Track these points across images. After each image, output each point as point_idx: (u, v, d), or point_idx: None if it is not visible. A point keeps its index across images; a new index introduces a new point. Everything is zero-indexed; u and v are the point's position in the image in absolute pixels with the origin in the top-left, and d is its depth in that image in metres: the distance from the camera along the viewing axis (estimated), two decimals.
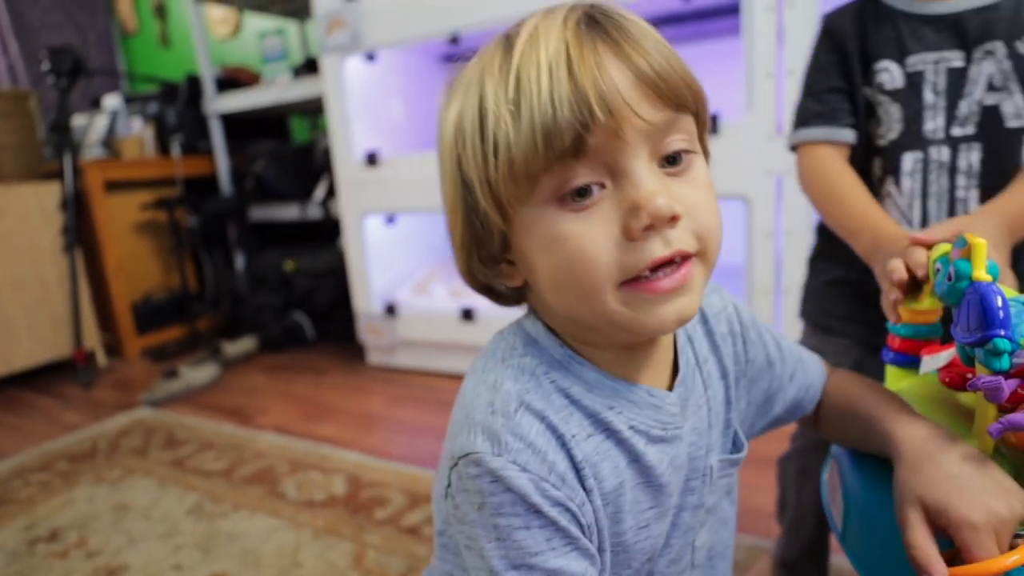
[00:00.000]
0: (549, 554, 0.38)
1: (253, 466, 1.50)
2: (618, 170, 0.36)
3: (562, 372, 0.42)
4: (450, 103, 0.41)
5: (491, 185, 0.37)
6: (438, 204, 1.36)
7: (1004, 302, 0.40)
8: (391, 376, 2.09)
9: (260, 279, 2.52)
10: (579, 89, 0.34)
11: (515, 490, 0.37)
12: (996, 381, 0.38)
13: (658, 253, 0.36)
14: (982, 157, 0.67)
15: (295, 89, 2.35)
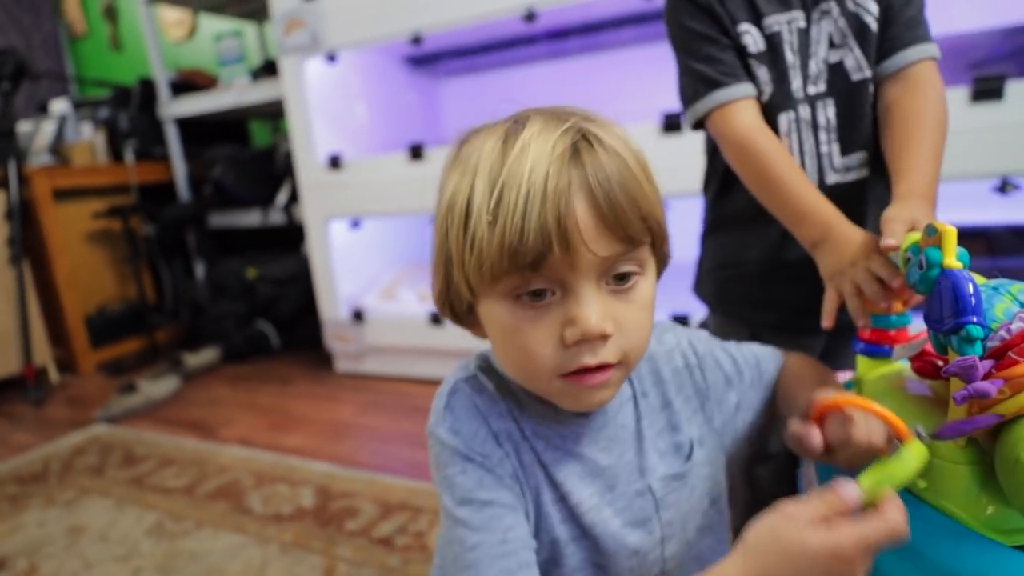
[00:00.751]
0: (482, 491, 0.47)
1: (217, 481, 1.45)
2: (567, 286, 0.43)
3: (497, 377, 0.52)
4: (452, 171, 0.47)
5: (464, 269, 0.44)
6: (403, 207, 1.37)
7: (975, 288, 0.40)
8: (360, 383, 2.05)
9: (221, 288, 2.45)
10: (545, 223, 0.40)
11: (450, 448, 0.48)
12: (970, 360, 0.38)
13: (586, 361, 0.43)
14: (836, 111, 0.69)
15: (254, 92, 2.29)
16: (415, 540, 1.15)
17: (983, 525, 0.40)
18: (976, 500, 0.41)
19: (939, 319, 0.41)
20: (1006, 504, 0.40)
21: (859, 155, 0.70)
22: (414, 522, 1.21)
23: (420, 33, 1.75)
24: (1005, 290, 0.42)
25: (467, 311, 0.49)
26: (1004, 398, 0.39)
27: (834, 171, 0.71)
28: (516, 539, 0.46)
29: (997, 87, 1.28)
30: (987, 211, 1.54)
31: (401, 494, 1.31)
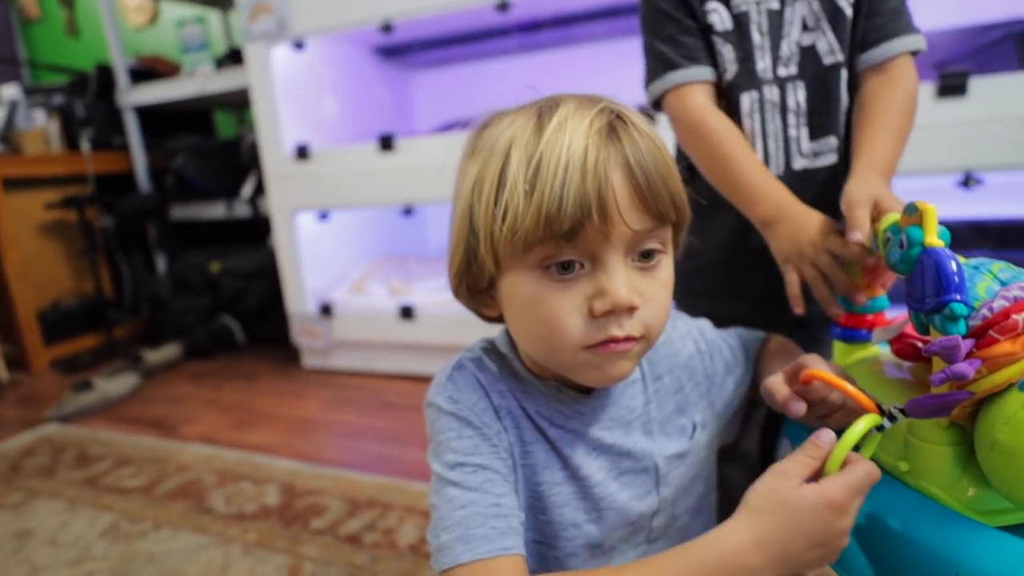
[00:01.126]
0: (477, 456, 0.48)
1: (176, 480, 1.39)
2: (598, 259, 0.44)
3: (501, 360, 0.53)
4: (475, 155, 0.47)
5: (493, 241, 0.45)
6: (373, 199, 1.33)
7: (958, 266, 0.39)
8: (327, 379, 2.00)
9: (184, 282, 2.37)
10: (585, 193, 0.41)
11: (448, 413, 0.49)
12: (953, 339, 0.37)
13: (613, 332, 0.44)
14: (807, 95, 0.69)
15: (218, 80, 2.22)
16: (384, 537, 1.12)
17: (965, 507, 0.40)
18: (958, 482, 0.40)
19: (921, 298, 0.41)
20: (987, 485, 0.40)
21: (829, 140, 0.70)
22: (383, 519, 1.18)
23: (390, 21, 1.71)
24: (986, 269, 0.42)
25: (486, 287, 0.49)
26: (980, 377, 0.38)
27: (802, 156, 0.70)
28: (508, 506, 0.47)
29: (961, 83, 1.30)
30: (950, 206, 1.57)
31: (370, 491, 1.28)
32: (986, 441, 0.37)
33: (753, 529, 0.40)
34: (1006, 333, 0.37)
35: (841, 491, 0.39)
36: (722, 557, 0.40)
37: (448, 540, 0.44)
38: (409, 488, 1.28)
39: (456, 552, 0.44)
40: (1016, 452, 0.35)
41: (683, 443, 0.56)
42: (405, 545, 1.09)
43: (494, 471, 0.48)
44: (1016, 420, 0.35)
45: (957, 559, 0.36)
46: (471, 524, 0.44)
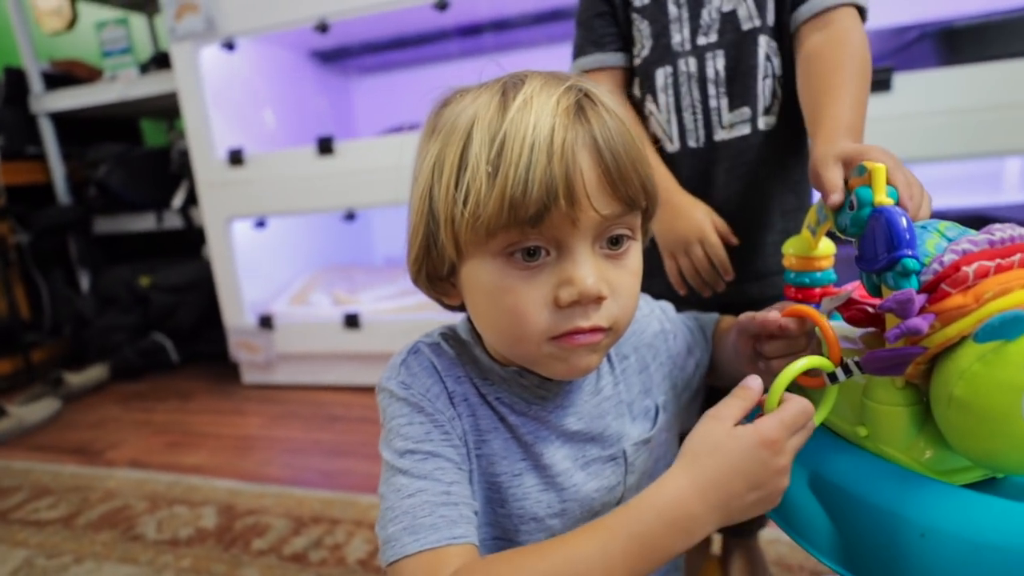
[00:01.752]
0: (428, 443, 0.45)
1: (101, 508, 1.29)
2: (563, 246, 0.41)
3: (460, 346, 0.51)
4: (435, 135, 0.45)
5: (454, 226, 0.42)
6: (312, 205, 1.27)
7: (909, 223, 0.38)
8: (269, 394, 1.91)
9: (110, 298, 2.22)
10: (552, 175, 0.39)
11: (400, 399, 0.47)
12: (907, 293, 0.36)
13: (579, 324, 0.42)
14: (725, 63, 0.67)
15: (143, 85, 2.11)
16: (332, 554, 1.06)
17: (924, 468, 0.39)
18: (914, 443, 0.40)
19: (873, 257, 0.40)
20: (944, 446, 0.39)
21: (743, 111, 0.68)
22: (330, 535, 1.11)
23: (325, 20, 1.66)
24: (933, 228, 0.41)
25: (446, 275, 0.47)
26: (933, 332, 0.38)
27: (722, 127, 0.68)
28: (460, 494, 0.44)
29: (886, 79, 1.35)
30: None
31: (315, 506, 1.22)
32: (942, 397, 0.36)
33: (691, 475, 0.39)
34: (957, 286, 0.36)
35: (775, 428, 0.39)
36: (664, 509, 0.38)
37: (395, 531, 0.42)
38: (358, 501, 1.22)
39: (403, 543, 0.41)
40: (973, 406, 0.34)
41: (647, 427, 0.55)
42: (354, 560, 1.04)
43: (446, 459, 0.45)
44: (971, 373, 0.34)
45: (921, 520, 0.35)
46: (419, 513, 0.42)
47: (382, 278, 2.16)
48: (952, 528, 0.34)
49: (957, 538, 0.34)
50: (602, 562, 0.37)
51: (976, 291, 0.36)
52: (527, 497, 0.49)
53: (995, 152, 1.37)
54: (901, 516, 0.36)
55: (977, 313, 0.36)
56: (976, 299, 0.36)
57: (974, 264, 0.36)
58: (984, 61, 1.32)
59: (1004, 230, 0.38)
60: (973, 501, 0.35)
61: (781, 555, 0.95)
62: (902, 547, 0.36)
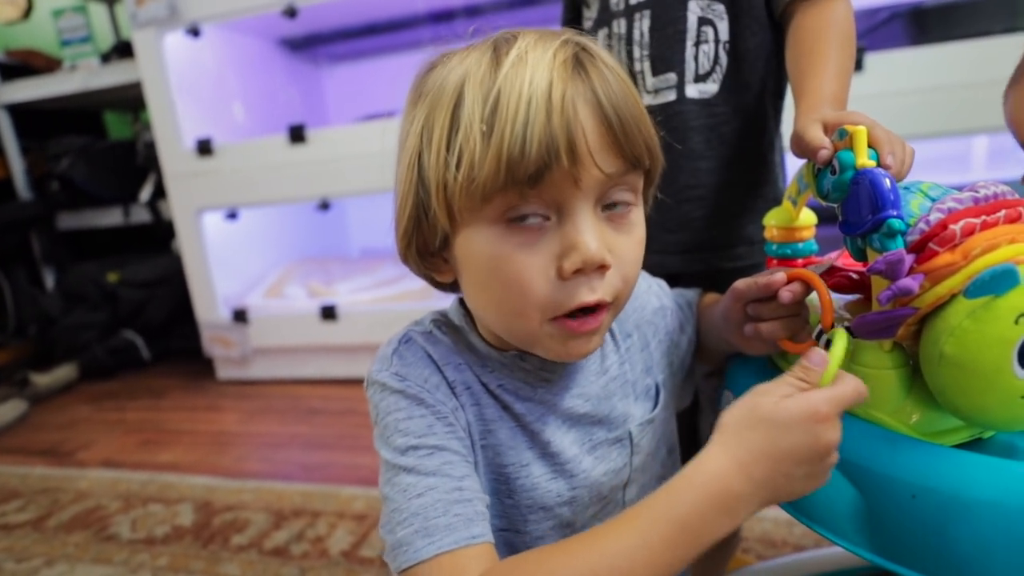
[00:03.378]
0: (432, 436, 0.42)
1: (73, 510, 1.25)
2: (565, 209, 0.39)
3: (455, 333, 0.48)
4: (422, 100, 0.42)
5: (447, 192, 0.39)
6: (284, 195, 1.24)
7: (892, 183, 0.38)
8: (245, 390, 1.87)
9: (77, 296, 2.16)
10: (552, 131, 0.36)
11: (395, 391, 0.44)
12: (898, 253, 0.36)
13: (584, 298, 0.39)
14: (650, 25, 0.64)
15: (105, 75, 2.04)
16: (314, 546, 1.04)
17: (912, 431, 0.39)
18: (902, 407, 0.39)
19: (857, 220, 0.39)
20: (932, 408, 0.39)
21: (669, 76, 0.64)
22: (312, 528, 1.10)
23: (294, 5, 1.62)
24: (916, 188, 0.41)
25: (438, 249, 0.44)
26: (923, 292, 0.37)
27: (646, 92, 0.66)
28: (472, 489, 0.41)
29: (858, 59, 1.36)
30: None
31: (296, 500, 1.19)
32: (932, 356, 0.36)
33: (733, 451, 0.35)
34: (945, 244, 0.36)
35: (827, 403, 0.35)
36: (704, 490, 0.34)
37: (406, 534, 0.39)
38: (339, 493, 1.20)
39: (416, 547, 0.38)
40: (964, 363, 0.34)
41: (650, 407, 0.53)
42: (337, 552, 1.02)
43: (452, 451, 0.42)
44: (961, 330, 0.34)
45: (912, 481, 0.35)
46: (431, 513, 0.39)
47: (359, 269, 2.13)
48: (943, 487, 0.34)
49: (949, 497, 0.34)
50: (644, 553, 0.34)
51: (964, 248, 0.36)
52: (536, 487, 0.46)
53: (964, 131, 1.39)
54: (891, 478, 0.36)
55: (966, 270, 0.35)
56: (964, 256, 0.36)
57: (960, 222, 0.36)
58: (952, 40, 1.34)
59: (988, 187, 0.37)
60: (963, 460, 0.35)
61: (765, 531, 0.96)
62: (893, 509, 0.36)
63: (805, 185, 0.51)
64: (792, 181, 0.54)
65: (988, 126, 1.35)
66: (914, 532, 0.35)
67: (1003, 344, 0.32)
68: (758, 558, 0.89)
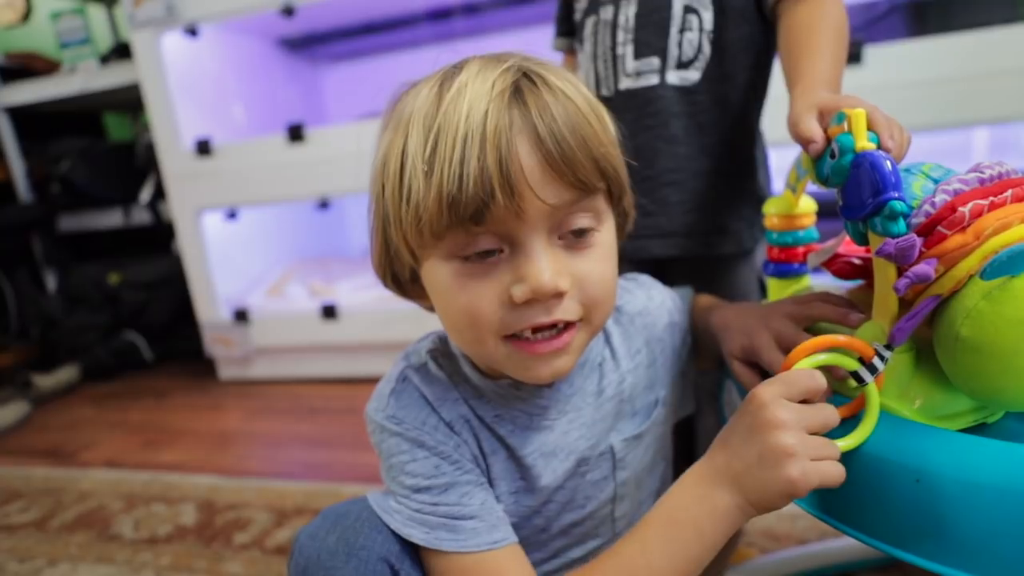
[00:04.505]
0: (441, 476, 0.43)
1: (76, 510, 1.25)
2: (515, 241, 0.39)
3: (451, 361, 0.48)
4: (385, 131, 0.43)
5: (403, 227, 0.40)
6: (284, 194, 1.22)
7: (893, 165, 0.38)
8: (247, 389, 1.87)
9: (78, 298, 2.16)
10: (485, 167, 0.36)
11: (394, 434, 0.44)
12: (910, 239, 0.35)
13: (538, 319, 0.39)
14: (637, 11, 0.65)
15: (104, 76, 2.04)
16: None
17: (915, 415, 0.38)
18: (905, 391, 0.39)
19: (858, 204, 0.39)
20: (936, 391, 0.39)
21: (652, 60, 0.65)
22: None
23: (291, 3, 1.62)
24: (917, 170, 0.41)
25: (410, 279, 0.45)
26: (939, 276, 0.37)
27: (626, 75, 0.66)
28: (494, 511, 0.44)
29: (856, 52, 1.36)
30: None
31: (299, 498, 1.19)
32: (948, 339, 0.35)
33: (709, 459, 0.38)
34: (954, 227, 0.36)
35: (763, 384, 0.37)
36: (692, 503, 0.37)
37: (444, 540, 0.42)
38: (342, 491, 1.20)
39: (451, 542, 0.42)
40: (981, 345, 0.33)
41: (641, 422, 0.52)
42: None
43: (464, 483, 0.44)
44: (977, 312, 0.33)
45: (916, 465, 0.35)
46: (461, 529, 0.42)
47: (359, 268, 2.13)
48: (948, 471, 0.34)
49: (953, 480, 0.33)
50: (645, 564, 0.37)
51: (975, 228, 0.35)
52: (515, 515, 0.48)
53: (964, 122, 1.38)
54: (895, 463, 0.36)
55: (980, 250, 0.35)
56: (976, 236, 0.35)
57: (969, 203, 0.36)
58: (951, 32, 1.33)
59: (993, 167, 0.37)
60: (969, 444, 0.35)
61: (768, 525, 0.96)
62: (897, 494, 0.36)
63: (803, 171, 0.50)
64: (791, 168, 0.54)
65: (989, 117, 1.34)
66: (918, 518, 0.34)
67: (1020, 325, 0.32)
68: (761, 552, 0.89)
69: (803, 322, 0.46)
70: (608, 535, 0.52)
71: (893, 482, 0.35)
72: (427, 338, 0.50)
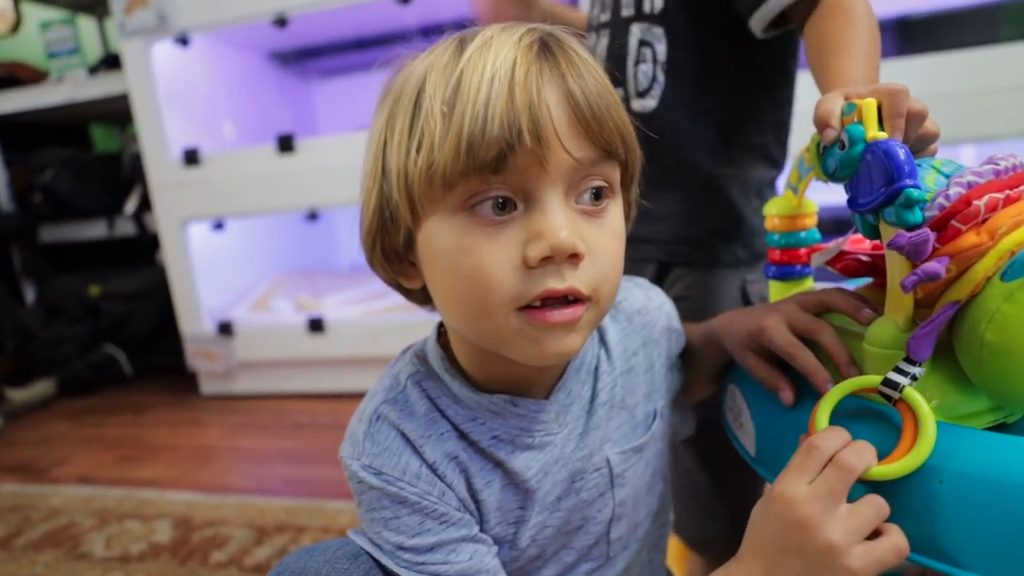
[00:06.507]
0: (426, 534, 0.40)
1: (44, 527, 1.19)
2: (532, 196, 0.36)
3: (435, 383, 0.44)
4: (386, 99, 0.41)
5: (407, 179, 0.37)
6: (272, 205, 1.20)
7: (908, 154, 0.36)
8: (229, 404, 1.83)
9: (57, 310, 2.11)
10: (514, 109, 0.34)
11: (375, 488, 0.40)
12: (923, 233, 0.34)
13: (552, 285, 0.36)
14: (608, 43, 0.69)
15: (92, 87, 2.01)
16: None
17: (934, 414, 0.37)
18: (922, 391, 0.37)
19: (869, 194, 0.38)
20: (954, 391, 0.37)
21: (619, 90, 0.65)
22: (296, 543, 1.05)
23: (284, 14, 1.61)
24: (928, 165, 0.40)
25: (403, 248, 0.40)
26: (951, 277, 0.36)
27: None
28: (483, 561, 0.41)
29: None
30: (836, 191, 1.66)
31: (279, 515, 1.15)
32: (972, 344, 0.34)
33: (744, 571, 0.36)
34: (969, 221, 0.34)
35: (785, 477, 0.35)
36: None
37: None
38: (325, 508, 1.16)
39: None
40: (1009, 348, 0.32)
41: (640, 435, 0.49)
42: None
43: (451, 540, 0.40)
44: (1000, 314, 0.32)
45: (939, 465, 0.33)
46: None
47: (348, 283, 2.10)
48: (972, 470, 0.32)
49: (978, 480, 0.31)
50: None
51: (989, 227, 0.34)
52: (511, 546, 0.45)
53: (951, 140, 1.40)
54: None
55: (995, 251, 0.34)
56: (991, 235, 0.34)
57: (984, 197, 0.34)
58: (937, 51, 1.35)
59: (1007, 159, 0.36)
60: (994, 442, 0.33)
61: None
62: (918, 497, 0.33)
63: (807, 169, 0.49)
64: (792, 167, 0.52)
65: (975, 135, 1.36)
66: (942, 521, 0.32)
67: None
68: None
69: (814, 308, 0.44)
70: (601, 558, 0.49)
71: (913, 485, 0.33)
72: (403, 359, 0.46)
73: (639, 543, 0.51)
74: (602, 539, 0.48)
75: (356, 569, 0.40)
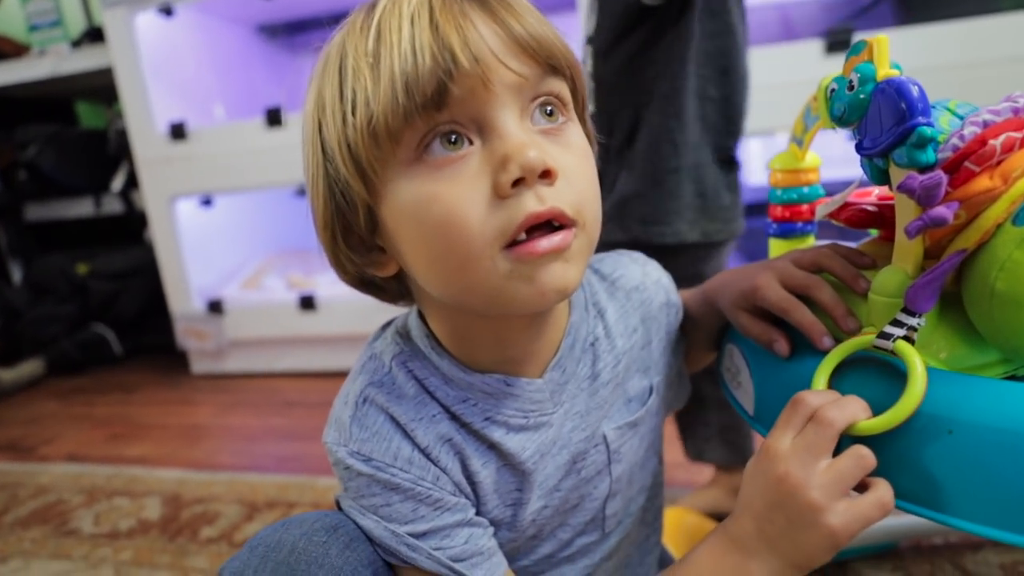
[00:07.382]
0: (419, 521, 0.39)
1: (32, 505, 1.18)
2: (485, 124, 0.34)
3: (422, 363, 0.41)
4: (313, 71, 0.38)
5: (351, 147, 0.34)
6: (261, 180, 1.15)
7: (921, 91, 0.34)
8: (220, 383, 1.81)
9: (44, 288, 2.07)
10: (442, 36, 0.32)
11: (364, 475, 0.39)
12: (936, 176, 0.32)
13: (532, 207, 0.33)
14: None
15: (75, 60, 1.96)
16: None
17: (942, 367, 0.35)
18: (928, 342, 0.36)
19: (879, 135, 0.36)
20: (962, 343, 0.36)
21: None
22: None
23: None
24: (942, 106, 0.38)
25: (367, 230, 0.37)
26: (960, 224, 0.34)
27: None
28: (479, 544, 0.40)
29: (846, 39, 1.35)
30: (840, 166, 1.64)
31: (270, 492, 1.14)
32: (981, 294, 0.32)
33: (736, 525, 0.36)
34: (984, 162, 0.32)
35: (775, 434, 0.35)
36: (714, 539, 0.37)
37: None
38: (316, 484, 1.15)
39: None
40: (1021, 298, 0.30)
41: (635, 409, 0.47)
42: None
43: (446, 526, 0.39)
44: (1012, 262, 0.30)
45: (948, 415, 0.31)
46: None
47: None
48: (985, 420, 0.30)
49: (992, 430, 0.30)
50: None
51: (1002, 171, 0.32)
52: (510, 528, 0.44)
53: None
54: (924, 414, 0.32)
55: (1007, 195, 0.32)
56: (1004, 179, 0.32)
57: (1001, 136, 0.32)
58: (940, 21, 1.32)
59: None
60: (1005, 390, 0.31)
61: None
62: (927, 449, 0.32)
63: (814, 119, 0.47)
64: (796, 119, 0.51)
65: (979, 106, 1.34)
66: (952, 473, 0.31)
67: None
68: None
69: (810, 266, 0.43)
70: (597, 533, 0.48)
71: (922, 436, 0.32)
72: (383, 338, 0.44)
73: (632, 518, 0.50)
74: (598, 515, 0.47)
75: (335, 541, 0.38)
